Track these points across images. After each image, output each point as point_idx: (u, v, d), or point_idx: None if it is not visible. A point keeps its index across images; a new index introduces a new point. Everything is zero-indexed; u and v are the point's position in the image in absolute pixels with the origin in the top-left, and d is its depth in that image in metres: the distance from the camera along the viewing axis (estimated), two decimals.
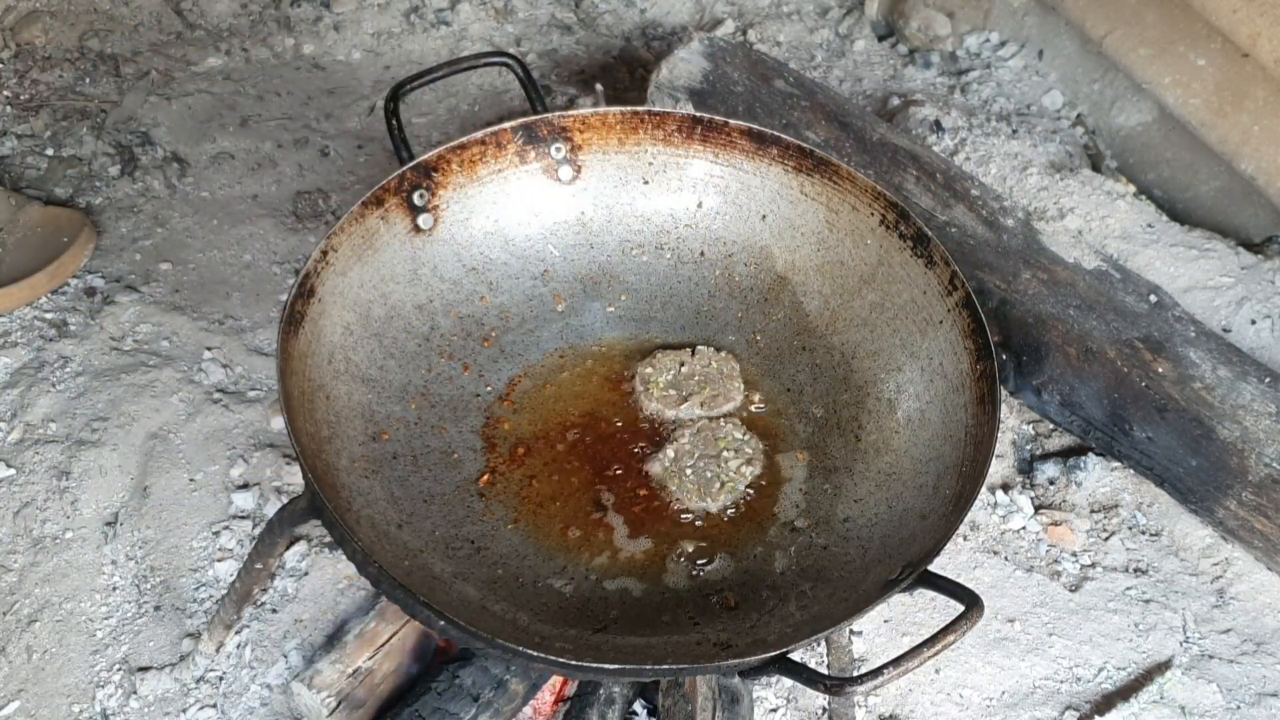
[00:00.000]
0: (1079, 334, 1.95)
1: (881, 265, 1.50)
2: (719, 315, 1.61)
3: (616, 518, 1.41)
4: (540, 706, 1.57)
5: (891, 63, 2.83)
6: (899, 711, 1.71)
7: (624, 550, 1.38)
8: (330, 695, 1.49)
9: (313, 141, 2.48)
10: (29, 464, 1.86)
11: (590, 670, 1.21)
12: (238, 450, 1.90)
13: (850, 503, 1.41)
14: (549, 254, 1.59)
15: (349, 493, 1.30)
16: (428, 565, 1.30)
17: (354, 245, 1.40)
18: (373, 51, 2.72)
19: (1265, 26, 2.14)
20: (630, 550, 1.38)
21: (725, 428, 1.49)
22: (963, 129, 2.49)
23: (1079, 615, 1.83)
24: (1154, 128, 2.54)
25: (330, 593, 1.73)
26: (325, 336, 1.36)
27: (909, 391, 1.44)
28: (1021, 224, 2.09)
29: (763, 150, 1.55)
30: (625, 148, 1.57)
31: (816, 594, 1.32)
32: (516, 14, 2.86)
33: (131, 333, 2.06)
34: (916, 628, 1.78)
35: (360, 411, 1.38)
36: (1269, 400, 1.89)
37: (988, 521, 1.94)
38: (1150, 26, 2.42)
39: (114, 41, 2.66)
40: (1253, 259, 2.29)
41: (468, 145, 1.50)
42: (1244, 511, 1.85)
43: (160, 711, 1.63)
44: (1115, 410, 1.93)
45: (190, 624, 1.72)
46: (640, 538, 1.39)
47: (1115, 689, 1.76)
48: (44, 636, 1.69)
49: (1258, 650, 1.82)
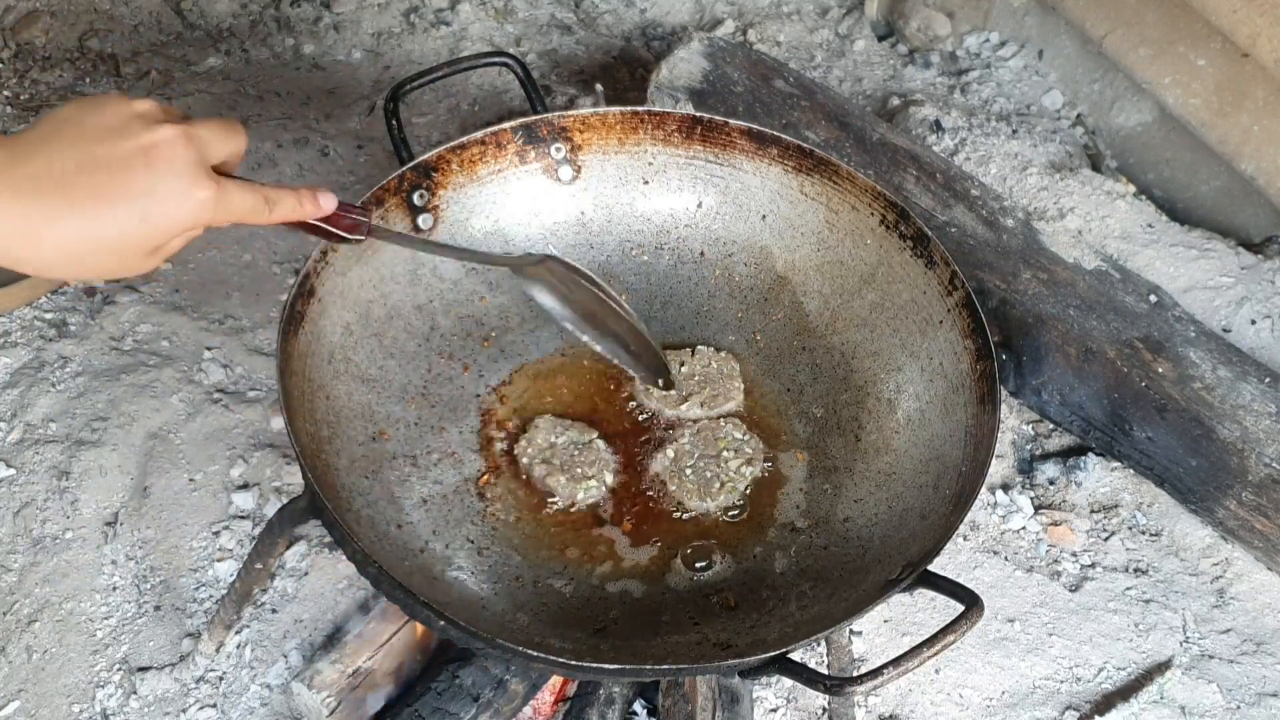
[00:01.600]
0: (1079, 334, 1.95)
1: (881, 265, 1.50)
2: (719, 315, 1.61)
3: (616, 519, 1.41)
4: (540, 706, 1.57)
5: (891, 63, 2.83)
6: (899, 711, 1.71)
7: (624, 551, 1.38)
8: (330, 695, 1.49)
9: (313, 141, 2.48)
10: (29, 464, 1.86)
11: (590, 670, 1.21)
12: (238, 450, 1.90)
13: (850, 503, 1.41)
14: None
15: (349, 493, 1.30)
16: (428, 565, 1.30)
17: (354, 245, 1.40)
18: (373, 51, 2.72)
19: (1265, 26, 2.14)
20: (630, 551, 1.38)
21: (725, 428, 1.49)
22: (963, 129, 2.49)
23: (1079, 615, 1.83)
24: (1154, 128, 2.54)
25: (330, 593, 1.73)
26: (325, 336, 1.36)
27: (909, 391, 1.44)
28: (1021, 224, 2.09)
29: (763, 150, 1.55)
30: (625, 148, 1.57)
31: (816, 594, 1.32)
32: (516, 14, 2.86)
33: (131, 333, 2.06)
34: (916, 628, 1.78)
35: (360, 411, 1.38)
36: (1269, 400, 1.89)
37: (988, 521, 1.94)
38: (1150, 26, 2.42)
39: (114, 41, 2.66)
40: (1253, 259, 2.29)
41: (468, 145, 1.50)
42: (1244, 511, 1.85)
43: (160, 711, 1.63)
44: (1115, 410, 1.93)
45: (190, 624, 1.72)
46: (640, 539, 1.39)
47: (1115, 689, 1.76)
48: (44, 636, 1.69)
49: (1258, 650, 1.82)
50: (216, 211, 0.96)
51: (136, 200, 0.90)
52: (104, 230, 0.89)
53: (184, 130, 0.94)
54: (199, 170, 0.94)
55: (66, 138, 0.90)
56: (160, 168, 0.91)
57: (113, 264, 0.92)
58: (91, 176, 0.89)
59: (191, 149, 0.93)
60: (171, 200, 0.92)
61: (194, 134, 0.94)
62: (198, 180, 0.94)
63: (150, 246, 0.93)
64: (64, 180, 0.88)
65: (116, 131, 0.91)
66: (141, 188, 0.90)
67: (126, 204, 0.90)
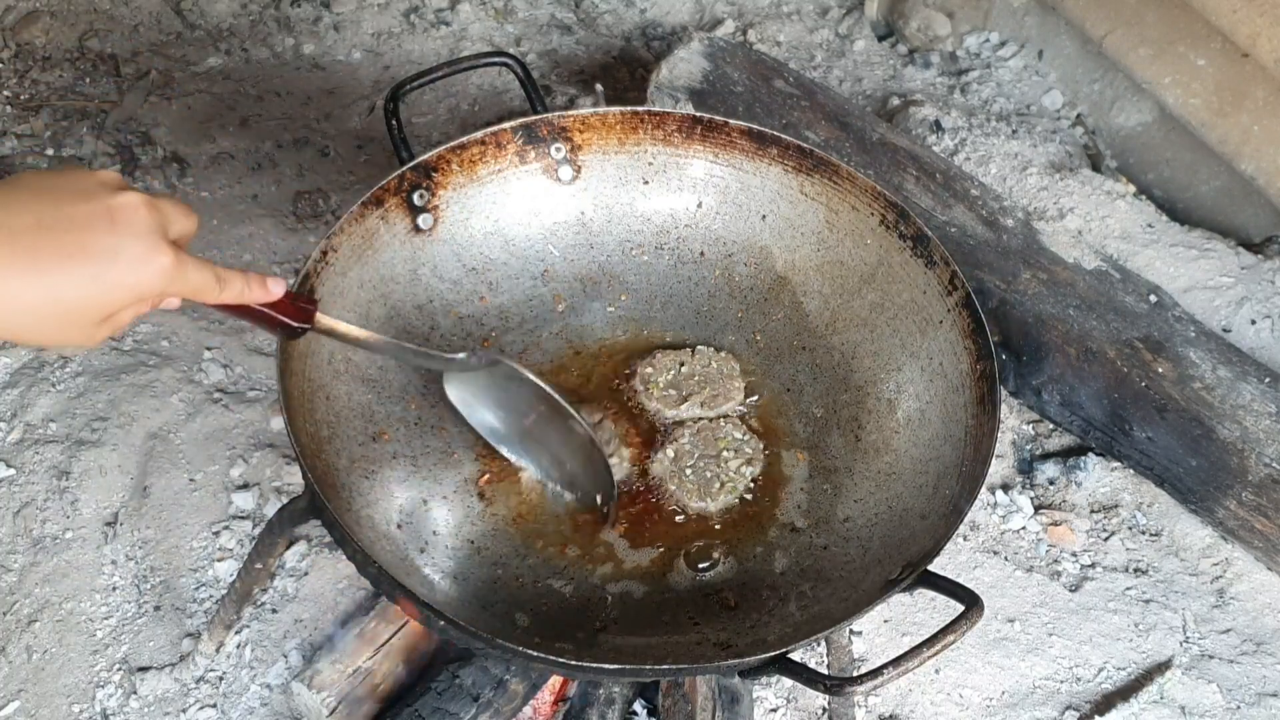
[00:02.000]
0: (1079, 334, 1.95)
1: (881, 265, 1.50)
2: (719, 315, 1.61)
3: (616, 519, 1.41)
4: (540, 706, 1.57)
5: (891, 63, 2.83)
6: (899, 711, 1.71)
7: (624, 552, 1.38)
8: (330, 695, 1.49)
9: (313, 141, 2.48)
10: (29, 464, 1.86)
11: (590, 670, 1.21)
12: (238, 450, 1.90)
13: (850, 503, 1.41)
14: (549, 254, 1.59)
15: (349, 493, 1.30)
16: (428, 566, 1.30)
17: (354, 245, 1.40)
18: (373, 51, 2.72)
19: (1265, 26, 2.14)
20: (630, 552, 1.38)
21: (725, 428, 1.49)
22: (963, 129, 2.49)
23: (1079, 615, 1.83)
24: (1154, 128, 2.54)
25: (330, 593, 1.73)
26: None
27: (909, 391, 1.44)
28: (1021, 224, 2.09)
29: (763, 150, 1.55)
30: (625, 148, 1.57)
31: (816, 594, 1.32)
32: (516, 14, 2.86)
33: (131, 333, 2.06)
34: (916, 628, 1.78)
35: (360, 411, 1.38)
36: (1269, 400, 1.89)
37: (988, 521, 1.94)
38: (1150, 26, 2.42)
39: (114, 41, 2.66)
40: (1253, 259, 2.29)
41: (468, 145, 1.50)
42: (1244, 511, 1.85)
43: (160, 711, 1.63)
44: (1115, 410, 1.93)
45: (190, 624, 1.72)
46: (640, 539, 1.39)
47: (1115, 689, 1.76)
48: (44, 636, 1.69)
49: (1258, 650, 1.82)
50: (172, 281, 0.94)
51: (97, 261, 0.88)
52: (60, 290, 0.87)
53: (146, 198, 0.93)
54: (160, 237, 0.92)
55: (28, 195, 0.88)
56: (122, 230, 0.90)
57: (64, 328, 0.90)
58: (52, 234, 0.87)
59: (154, 215, 0.92)
60: (132, 264, 0.90)
61: (156, 203, 0.93)
62: (159, 246, 0.92)
63: (104, 313, 0.91)
64: (24, 236, 0.86)
65: (80, 194, 0.90)
66: (103, 248, 0.89)
67: (87, 264, 0.88)
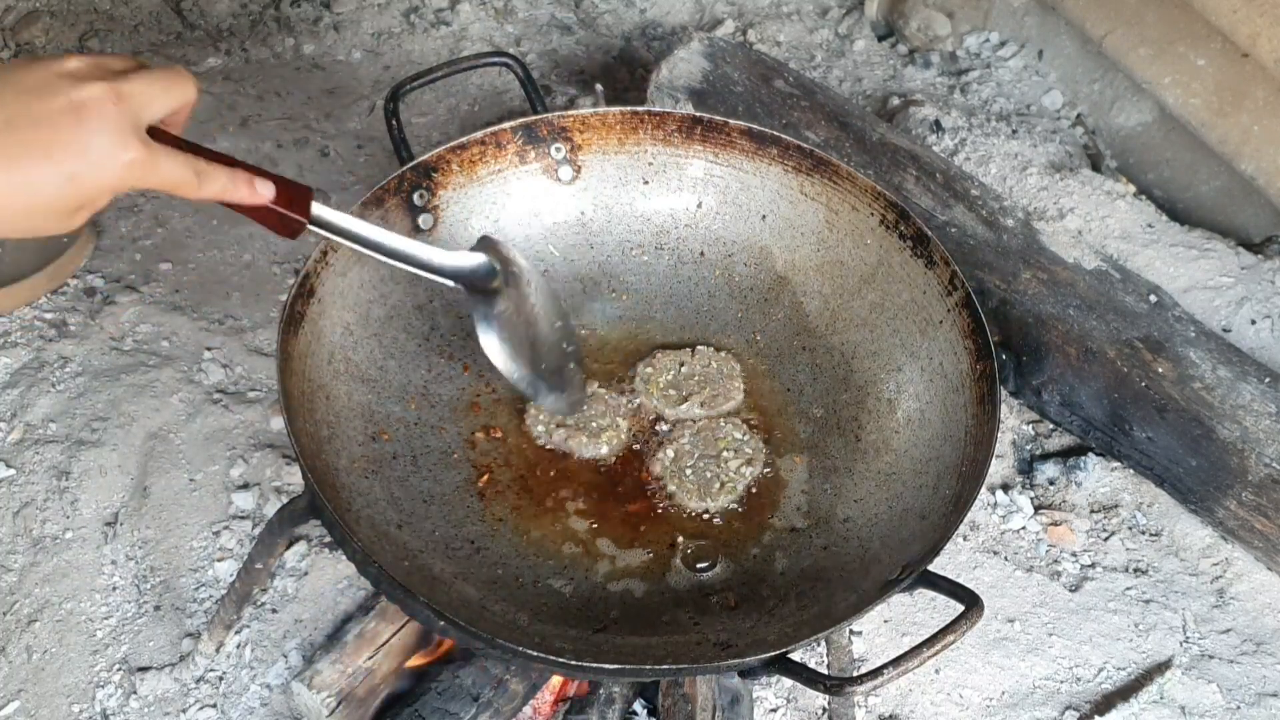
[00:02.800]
0: (1079, 334, 1.95)
1: (881, 265, 1.50)
2: (719, 315, 1.61)
3: (616, 520, 1.41)
4: (540, 706, 1.57)
5: (891, 63, 2.83)
6: (899, 711, 1.71)
7: (624, 551, 1.38)
8: (330, 695, 1.49)
9: (313, 141, 2.48)
10: (29, 464, 1.86)
11: (590, 670, 1.21)
12: (238, 450, 1.90)
13: (850, 503, 1.41)
14: (549, 254, 1.59)
15: (349, 493, 1.30)
16: (428, 565, 1.30)
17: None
18: (373, 51, 2.72)
19: (1265, 26, 2.14)
20: (630, 551, 1.38)
21: (725, 428, 1.49)
22: (963, 129, 2.49)
23: (1079, 615, 1.83)
24: (1154, 128, 2.54)
25: (330, 593, 1.73)
26: (325, 336, 1.36)
27: (909, 391, 1.44)
28: (1021, 224, 2.09)
29: (763, 150, 1.55)
30: (625, 148, 1.57)
31: (816, 594, 1.31)
32: (516, 14, 2.86)
33: (131, 333, 2.06)
34: (916, 628, 1.78)
35: (360, 411, 1.38)
36: (1269, 400, 1.89)
37: (988, 521, 1.94)
38: (1150, 26, 2.42)
39: (114, 41, 2.66)
40: (1253, 259, 2.29)
41: (467, 145, 1.50)
42: (1244, 511, 1.85)
43: (160, 711, 1.63)
44: (1115, 410, 1.93)
45: (190, 624, 1.72)
46: (640, 539, 1.39)
47: (1115, 689, 1.76)
48: (44, 636, 1.69)
49: (1258, 650, 1.82)
50: (144, 176, 0.93)
51: (65, 158, 0.89)
52: (30, 187, 0.88)
53: (114, 88, 0.91)
54: (128, 131, 0.92)
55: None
56: (90, 125, 0.90)
57: (36, 222, 0.91)
58: (19, 134, 0.88)
59: (122, 107, 0.91)
60: (98, 161, 0.90)
61: (126, 92, 0.92)
62: (126, 142, 0.91)
63: (75, 205, 0.91)
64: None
65: (46, 90, 0.90)
66: (70, 145, 0.89)
67: (54, 162, 0.88)
